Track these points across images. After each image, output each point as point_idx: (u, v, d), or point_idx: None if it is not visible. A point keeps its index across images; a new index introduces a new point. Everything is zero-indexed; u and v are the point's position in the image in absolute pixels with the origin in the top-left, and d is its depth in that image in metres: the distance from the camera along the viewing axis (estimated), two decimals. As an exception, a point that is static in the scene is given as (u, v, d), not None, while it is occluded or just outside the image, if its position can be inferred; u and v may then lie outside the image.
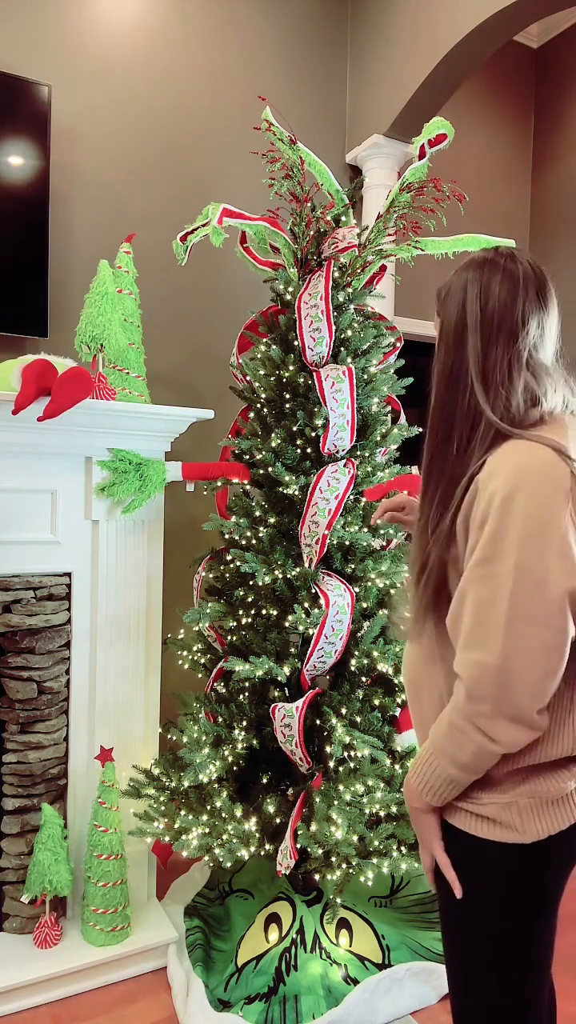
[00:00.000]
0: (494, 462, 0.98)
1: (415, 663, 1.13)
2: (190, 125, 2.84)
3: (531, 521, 0.92)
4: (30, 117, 2.34)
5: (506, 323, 1.03)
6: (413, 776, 1.05)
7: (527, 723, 0.94)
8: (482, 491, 0.97)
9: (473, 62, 2.75)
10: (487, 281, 1.05)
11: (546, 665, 0.93)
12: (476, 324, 1.04)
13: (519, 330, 1.03)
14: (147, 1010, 1.89)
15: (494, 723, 0.94)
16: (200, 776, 1.89)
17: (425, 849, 1.09)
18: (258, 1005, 1.79)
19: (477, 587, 0.95)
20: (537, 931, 1.04)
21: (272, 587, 1.98)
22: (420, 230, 2.13)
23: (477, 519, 0.97)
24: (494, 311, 1.04)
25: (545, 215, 3.89)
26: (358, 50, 3.16)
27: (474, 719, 0.95)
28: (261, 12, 2.98)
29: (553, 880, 1.04)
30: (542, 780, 1.01)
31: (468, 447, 1.02)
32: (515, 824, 1.00)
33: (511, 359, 1.03)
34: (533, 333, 1.04)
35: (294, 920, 1.97)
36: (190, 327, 2.87)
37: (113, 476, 2.03)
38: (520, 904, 1.02)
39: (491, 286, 1.05)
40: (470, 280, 1.06)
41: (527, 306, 1.04)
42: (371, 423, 2.13)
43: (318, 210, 2.09)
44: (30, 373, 1.75)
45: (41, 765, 2.05)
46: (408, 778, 1.07)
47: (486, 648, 0.93)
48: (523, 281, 1.05)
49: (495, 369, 1.03)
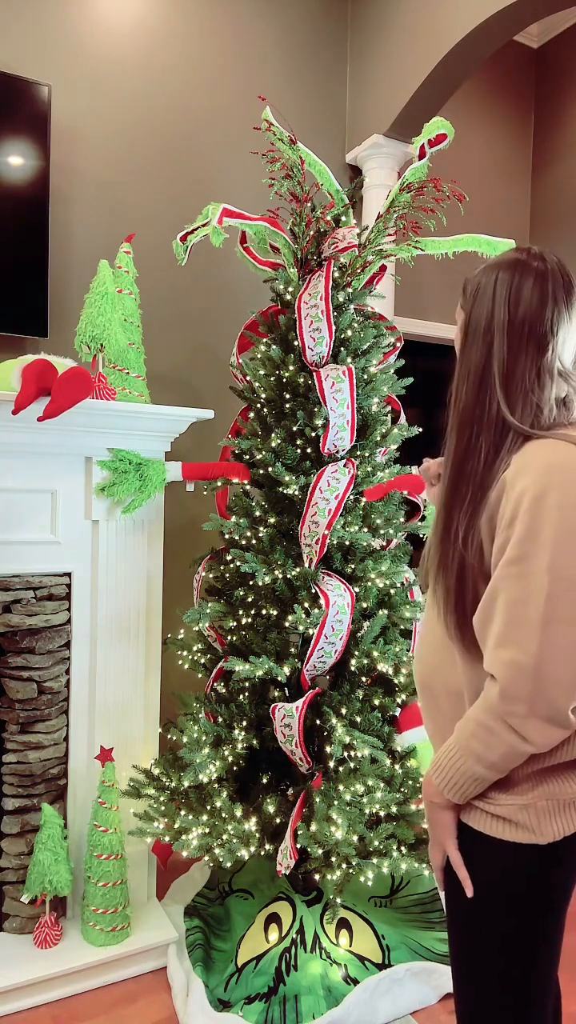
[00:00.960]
0: (521, 461, 0.98)
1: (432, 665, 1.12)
2: (190, 125, 2.84)
3: (564, 520, 0.93)
4: (30, 117, 2.34)
5: (536, 330, 1.03)
6: (435, 773, 1.04)
7: (561, 723, 0.94)
8: (509, 489, 0.97)
9: (473, 62, 2.75)
10: (518, 283, 1.04)
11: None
12: (504, 327, 1.03)
13: (548, 337, 1.03)
14: (147, 1010, 1.89)
15: (528, 723, 0.94)
16: (200, 776, 1.89)
17: (437, 846, 1.09)
18: (258, 1005, 1.79)
19: (510, 586, 0.95)
20: (545, 930, 1.04)
21: (272, 587, 1.98)
22: (420, 230, 2.13)
23: (505, 518, 0.97)
24: (525, 316, 1.03)
25: (545, 215, 3.89)
26: (358, 50, 3.16)
27: (507, 718, 0.95)
28: (261, 12, 2.98)
29: (564, 880, 1.04)
30: (560, 782, 1.01)
31: (496, 455, 1.02)
32: (532, 825, 1.00)
33: (540, 367, 1.03)
34: (561, 338, 1.03)
35: (294, 920, 1.97)
36: (190, 327, 2.87)
37: (113, 476, 2.03)
38: (530, 903, 1.03)
39: (522, 289, 1.03)
40: (500, 280, 1.05)
41: (556, 312, 1.03)
42: (371, 423, 2.13)
43: (318, 210, 2.09)
44: (30, 373, 1.75)
45: (41, 765, 2.05)
46: (429, 774, 1.06)
47: (520, 647, 0.93)
48: (552, 285, 1.04)
49: (523, 376, 1.02)
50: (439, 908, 2.23)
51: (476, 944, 1.06)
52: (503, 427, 1.02)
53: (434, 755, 1.07)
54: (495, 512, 1.00)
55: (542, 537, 0.93)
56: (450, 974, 1.93)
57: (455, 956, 1.10)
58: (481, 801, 1.03)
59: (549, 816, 1.01)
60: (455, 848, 1.06)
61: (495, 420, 1.02)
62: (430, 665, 1.12)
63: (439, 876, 1.11)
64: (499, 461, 1.01)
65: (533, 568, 0.93)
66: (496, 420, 1.02)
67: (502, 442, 1.02)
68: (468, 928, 1.07)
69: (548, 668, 0.92)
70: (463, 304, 1.11)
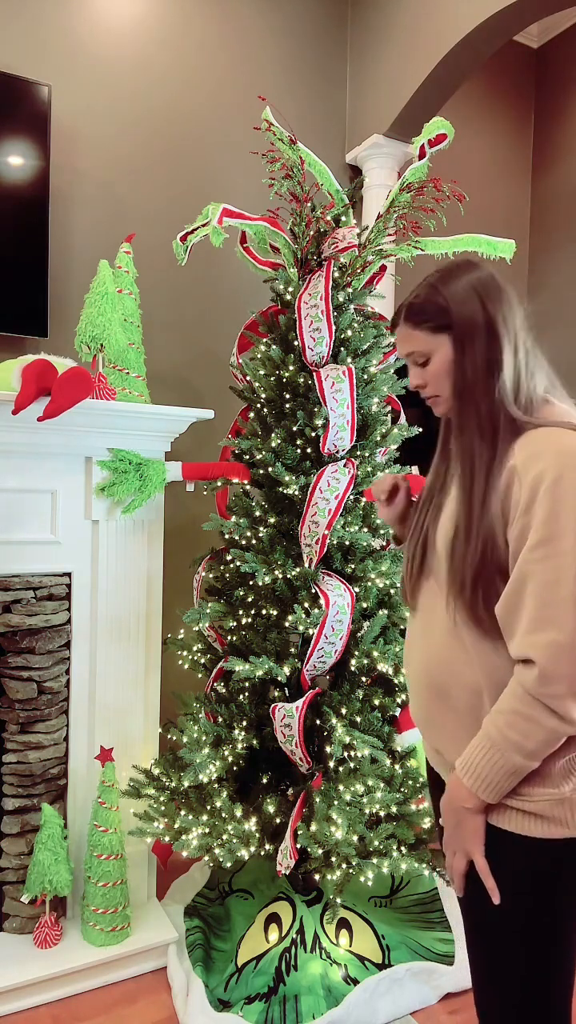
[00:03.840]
0: (531, 448, 1.00)
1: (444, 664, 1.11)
2: (190, 125, 2.84)
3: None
4: (30, 117, 2.34)
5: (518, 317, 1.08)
6: (467, 774, 1.03)
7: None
8: (522, 476, 0.99)
9: (473, 62, 2.75)
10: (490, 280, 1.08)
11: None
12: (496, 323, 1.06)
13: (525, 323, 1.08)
14: (147, 1010, 1.89)
15: (567, 702, 0.94)
16: (200, 776, 1.89)
17: (462, 853, 1.06)
18: (258, 1005, 1.79)
19: (538, 569, 0.96)
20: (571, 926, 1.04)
21: (272, 587, 1.98)
22: (420, 230, 2.12)
23: (522, 504, 0.99)
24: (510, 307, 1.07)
25: (545, 215, 3.89)
26: (358, 50, 3.16)
27: (548, 700, 0.95)
28: (261, 12, 2.98)
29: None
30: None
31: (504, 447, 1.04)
32: (567, 819, 1.00)
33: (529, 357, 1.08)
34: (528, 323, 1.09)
35: (294, 920, 1.97)
36: (190, 327, 2.87)
37: (113, 476, 2.03)
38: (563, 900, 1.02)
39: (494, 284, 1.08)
40: (477, 281, 1.08)
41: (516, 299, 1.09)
42: (371, 423, 2.13)
43: (318, 210, 2.09)
44: (30, 373, 1.75)
45: (41, 765, 2.05)
46: (456, 780, 1.04)
47: (559, 628, 0.94)
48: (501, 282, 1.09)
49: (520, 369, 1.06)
50: (439, 908, 2.23)
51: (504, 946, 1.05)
52: (507, 420, 1.04)
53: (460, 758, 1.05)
54: (506, 501, 1.01)
55: (563, 518, 0.95)
56: (450, 974, 1.94)
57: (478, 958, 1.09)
58: (514, 799, 1.02)
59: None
60: (483, 854, 1.04)
61: (500, 414, 1.05)
62: (442, 664, 1.11)
63: (461, 883, 1.09)
64: (506, 453, 1.03)
65: (560, 548, 0.95)
66: (501, 414, 1.05)
67: (506, 434, 1.04)
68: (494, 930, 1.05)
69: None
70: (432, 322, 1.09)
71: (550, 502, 0.96)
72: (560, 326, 3.78)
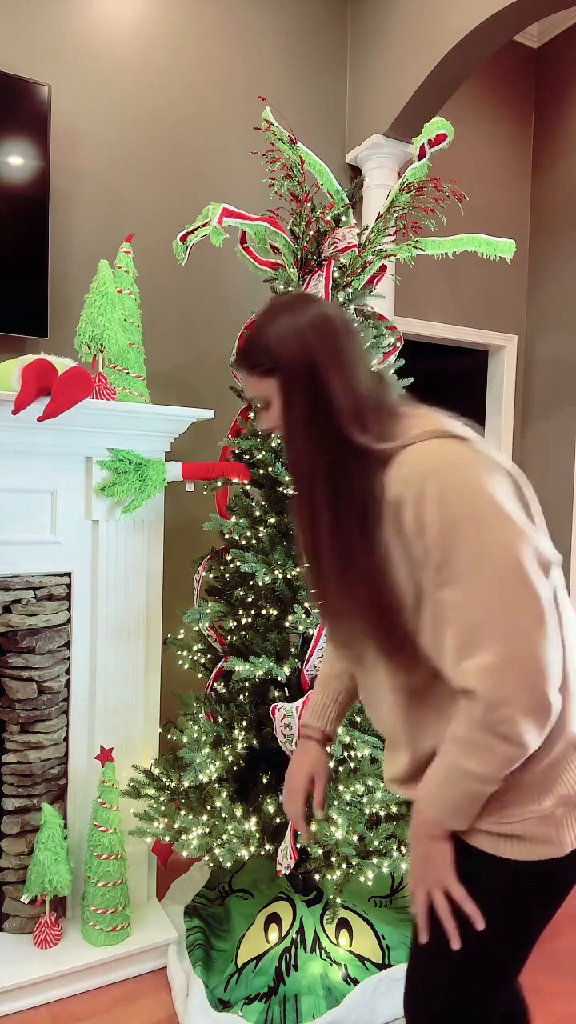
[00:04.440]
0: (403, 472, 0.95)
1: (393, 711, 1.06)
2: (190, 125, 2.84)
3: (467, 506, 0.91)
4: (30, 117, 2.34)
5: (352, 350, 1.02)
6: (429, 805, 0.98)
7: (549, 708, 0.90)
8: (405, 504, 0.94)
9: (473, 62, 2.75)
10: (316, 316, 1.02)
11: (545, 634, 0.89)
12: (335, 356, 1.00)
13: (359, 349, 1.03)
14: (147, 1010, 1.89)
15: (520, 725, 0.89)
16: (200, 776, 1.89)
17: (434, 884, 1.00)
18: (258, 1005, 1.79)
19: (448, 593, 0.92)
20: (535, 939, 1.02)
21: (272, 587, 1.98)
22: (420, 230, 2.12)
23: (413, 529, 0.93)
24: (344, 339, 1.02)
25: (545, 215, 3.89)
26: (358, 50, 3.16)
27: (499, 727, 0.90)
28: (261, 12, 2.98)
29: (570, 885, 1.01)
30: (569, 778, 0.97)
31: (370, 481, 0.97)
32: (552, 837, 0.96)
33: (378, 380, 1.03)
34: (362, 347, 1.04)
35: (294, 920, 1.97)
36: (190, 327, 2.87)
37: (113, 476, 2.03)
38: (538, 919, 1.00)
39: (320, 319, 1.02)
40: (299, 319, 1.02)
41: (348, 325, 1.04)
42: (371, 423, 2.12)
43: (318, 210, 2.09)
44: (30, 373, 1.75)
45: (41, 765, 2.05)
46: (420, 809, 1.00)
47: (487, 648, 0.89)
48: (326, 306, 1.04)
49: (368, 394, 1.01)
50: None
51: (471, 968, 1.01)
52: (360, 454, 0.98)
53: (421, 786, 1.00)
54: (401, 535, 0.95)
55: (455, 532, 0.90)
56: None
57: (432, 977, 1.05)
58: (489, 821, 0.98)
59: (567, 823, 0.97)
60: (458, 883, 0.99)
61: (346, 451, 0.98)
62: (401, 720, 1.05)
63: (425, 919, 1.03)
64: (377, 487, 0.97)
65: (461, 566, 0.90)
66: (347, 451, 0.98)
67: (365, 469, 0.98)
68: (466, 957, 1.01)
69: (520, 655, 0.88)
70: (262, 366, 1.04)
71: (439, 520, 0.91)
72: (560, 326, 3.78)
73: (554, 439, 3.84)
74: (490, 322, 3.86)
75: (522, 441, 4.02)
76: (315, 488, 1.00)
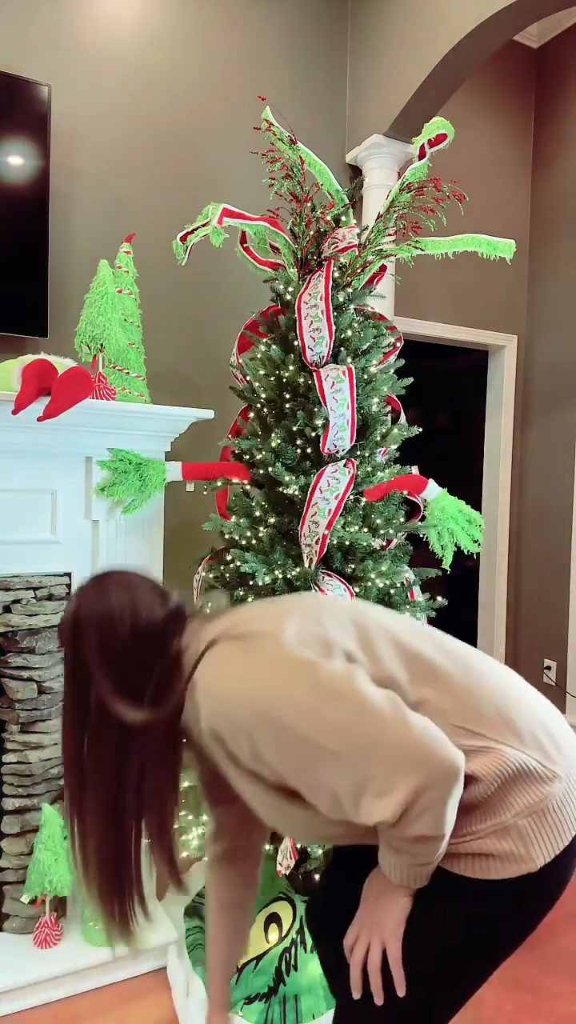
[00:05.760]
0: (205, 706, 0.95)
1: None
2: (190, 125, 2.84)
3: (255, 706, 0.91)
4: (30, 117, 2.34)
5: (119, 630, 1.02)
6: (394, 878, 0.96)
7: (455, 776, 0.88)
8: (222, 737, 0.94)
9: (473, 62, 2.75)
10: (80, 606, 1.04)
11: (418, 728, 0.88)
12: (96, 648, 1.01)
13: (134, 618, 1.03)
14: (147, 1010, 1.89)
15: (442, 818, 0.88)
16: (200, 776, 1.89)
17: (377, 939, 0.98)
18: (258, 1005, 1.79)
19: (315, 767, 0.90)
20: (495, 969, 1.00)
21: (272, 587, 1.98)
22: (420, 230, 2.12)
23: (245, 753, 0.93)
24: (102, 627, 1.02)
25: (545, 215, 3.90)
26: (358, 50, 3.16)
27: (418, 835, 0.88)
28: (261, 12, 2.98)
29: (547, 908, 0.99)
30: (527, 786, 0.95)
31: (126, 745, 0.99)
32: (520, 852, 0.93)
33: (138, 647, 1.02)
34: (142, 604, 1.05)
35: (294, 920, 1.97)
36: (190, 327, 2.87)
37: (113, 476, 2.03)
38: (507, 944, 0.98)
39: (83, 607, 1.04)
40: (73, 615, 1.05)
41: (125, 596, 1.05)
42: (371, 423, 2.13)
43: (318, 210, 2.09)
44: (30, 373, 1.75)
45: (41, 765, 2.05)
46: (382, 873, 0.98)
47: (383, 781, 0.87)
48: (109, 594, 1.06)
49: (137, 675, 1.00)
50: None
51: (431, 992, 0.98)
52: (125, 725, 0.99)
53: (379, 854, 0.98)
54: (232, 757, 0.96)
55: (263, 723, 0.90)
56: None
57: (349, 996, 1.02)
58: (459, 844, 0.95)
59: (535, 835, 0.94)
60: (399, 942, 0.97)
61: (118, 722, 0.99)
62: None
63: (358, 974, 0.99)
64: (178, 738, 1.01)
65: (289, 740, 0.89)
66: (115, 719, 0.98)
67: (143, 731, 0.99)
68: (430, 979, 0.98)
69: (412, 760, 0.86)
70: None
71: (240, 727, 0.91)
72: (560, 326, 3.79)
73: (554, 439, 3.84)
74: (490, 322, 3.86)
75: (522, 441, 4.02)
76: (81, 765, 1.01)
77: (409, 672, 0.99)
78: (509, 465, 3.99)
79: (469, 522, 2.12)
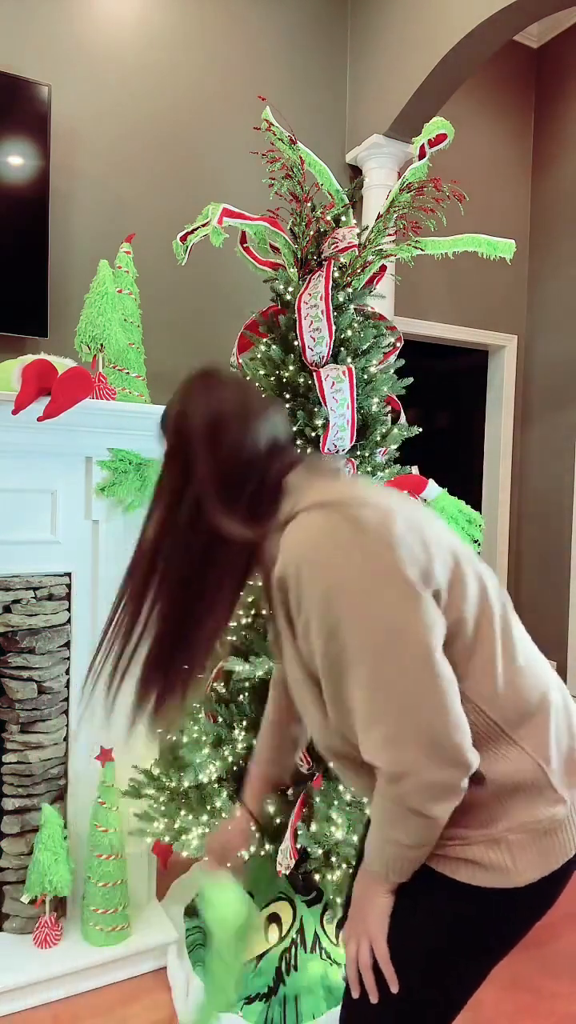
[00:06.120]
0: (283, 554, 0.93)
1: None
2: (190, 125, 2.84)
3: (333, 584, 0.89)
4: (30, 117, 2.34)
5: (238, 431, 1.00)
6: (375, 862, 0.96)
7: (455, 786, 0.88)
8: (288, 586, 0.93)
9: (473, 62, 2.75)
10: (200, 401, 1.03)
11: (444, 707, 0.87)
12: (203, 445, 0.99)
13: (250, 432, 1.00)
14: (147, 1010, 1.89)
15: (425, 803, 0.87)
16: (200, 776, 1.89)
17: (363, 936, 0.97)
18: (258, 1005, 1.79)
19: (342, 669, 0.90)
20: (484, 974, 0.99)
21: (272, 587, 1.98)
22: (420, 230, 2.12)
23: (294, 607, 0.93)
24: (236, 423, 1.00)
25: (545, 215, 3.89)
26: (358, 50, 3.16)
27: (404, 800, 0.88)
28: (261, 12, 2.98)
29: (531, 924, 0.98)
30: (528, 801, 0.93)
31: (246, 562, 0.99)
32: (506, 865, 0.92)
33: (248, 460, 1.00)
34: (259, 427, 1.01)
35: (294, 920, 1.97)
36: (190, 327, 2.87)
37: (113, 476, 2.03)
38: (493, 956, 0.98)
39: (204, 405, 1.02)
40: (184, 404, 1.04)
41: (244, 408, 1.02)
42: (371, 423, 2.13)
43: (318, 210, 2.09)
44: (30, 373, 1.75)
45: (41, 765, 2.05)
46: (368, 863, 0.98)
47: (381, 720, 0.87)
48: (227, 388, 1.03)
49: (254, 480, 0.99)
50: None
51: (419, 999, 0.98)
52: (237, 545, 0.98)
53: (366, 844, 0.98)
54: (288, 614, 0.96)
55: (328, 609, 0.89)
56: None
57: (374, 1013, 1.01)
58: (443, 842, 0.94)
59: (524, 851, 0.92)
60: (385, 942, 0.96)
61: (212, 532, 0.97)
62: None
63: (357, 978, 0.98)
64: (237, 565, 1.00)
65: (353, 656, 0.88)
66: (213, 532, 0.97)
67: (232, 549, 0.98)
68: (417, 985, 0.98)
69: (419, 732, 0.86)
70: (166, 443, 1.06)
71: (306, 600, 0.90)
72: (560, 326, 3.78)
73: (554, 439, 3.84)
74: (490, 322, 3.86)
75: (522, 441, 4.02)
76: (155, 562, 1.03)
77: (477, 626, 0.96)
78: (509, 465, 3.99)
79: (469, 522, 2.12)
